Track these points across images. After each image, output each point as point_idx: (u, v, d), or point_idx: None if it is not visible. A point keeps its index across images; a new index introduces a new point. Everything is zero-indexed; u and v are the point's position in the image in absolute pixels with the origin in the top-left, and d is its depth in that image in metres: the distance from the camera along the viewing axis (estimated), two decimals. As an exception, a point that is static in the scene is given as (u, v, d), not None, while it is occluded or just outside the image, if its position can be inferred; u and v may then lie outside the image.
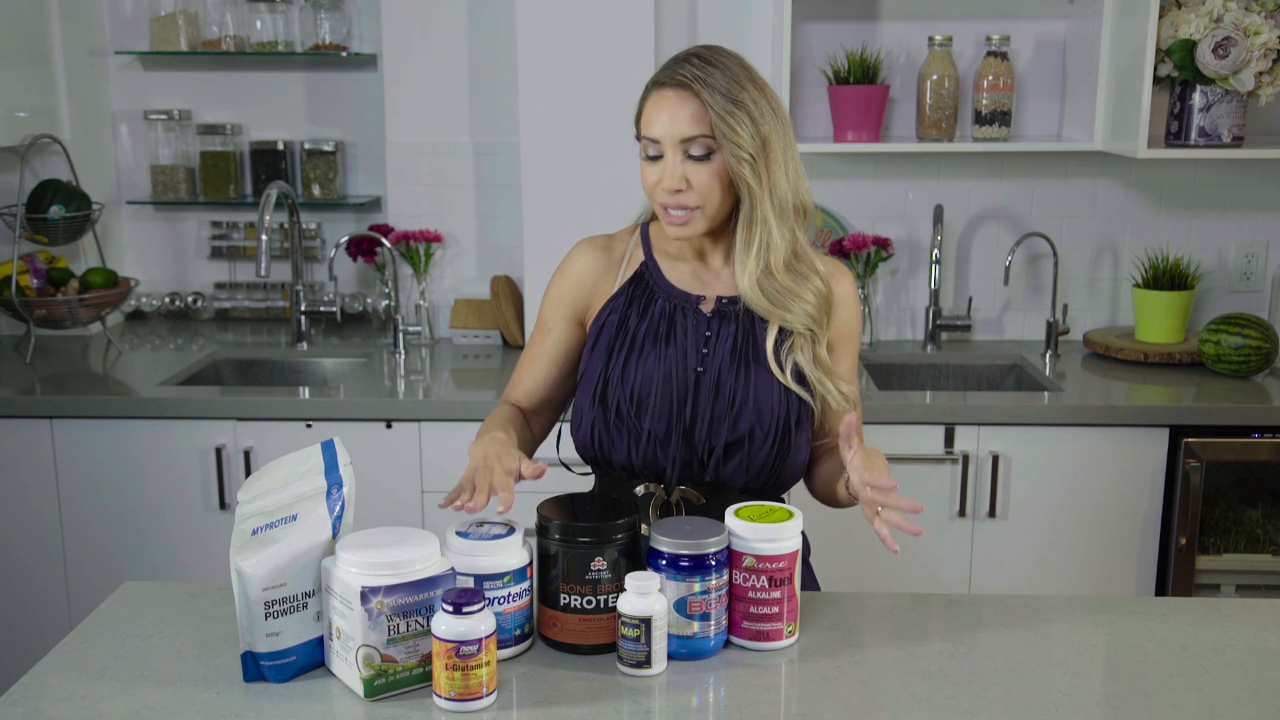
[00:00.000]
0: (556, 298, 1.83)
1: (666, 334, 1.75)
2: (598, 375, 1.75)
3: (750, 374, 1.72)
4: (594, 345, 1.78)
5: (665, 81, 1.68)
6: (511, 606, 1.51)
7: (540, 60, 3.05)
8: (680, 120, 1.66)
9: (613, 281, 1.80)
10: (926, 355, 3.25)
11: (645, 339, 1.75)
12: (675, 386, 1.72)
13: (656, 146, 1.68)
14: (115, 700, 1.43)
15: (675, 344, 1.74)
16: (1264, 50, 2.82)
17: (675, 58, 1.70)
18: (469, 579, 1.48)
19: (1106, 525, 2.80)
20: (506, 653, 1.51)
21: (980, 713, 1.42)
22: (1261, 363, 2.91)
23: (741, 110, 1.65)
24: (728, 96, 1.65)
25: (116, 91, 3.44)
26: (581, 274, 1.81)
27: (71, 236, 3.17)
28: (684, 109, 1.66)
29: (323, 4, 3.30)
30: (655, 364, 1.73)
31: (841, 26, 3.21)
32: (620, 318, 1.77)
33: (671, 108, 1.67)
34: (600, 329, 1.78)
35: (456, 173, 3.33)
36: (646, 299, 1.77)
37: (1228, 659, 1.56)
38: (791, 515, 1.55)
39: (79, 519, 2.84)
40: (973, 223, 3.32)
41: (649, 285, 1.78)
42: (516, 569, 1.51)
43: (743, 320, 1.74)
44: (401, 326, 3.21)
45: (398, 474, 2.81)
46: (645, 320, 1.76)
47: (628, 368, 1.74)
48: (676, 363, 1.73)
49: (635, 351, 1.74)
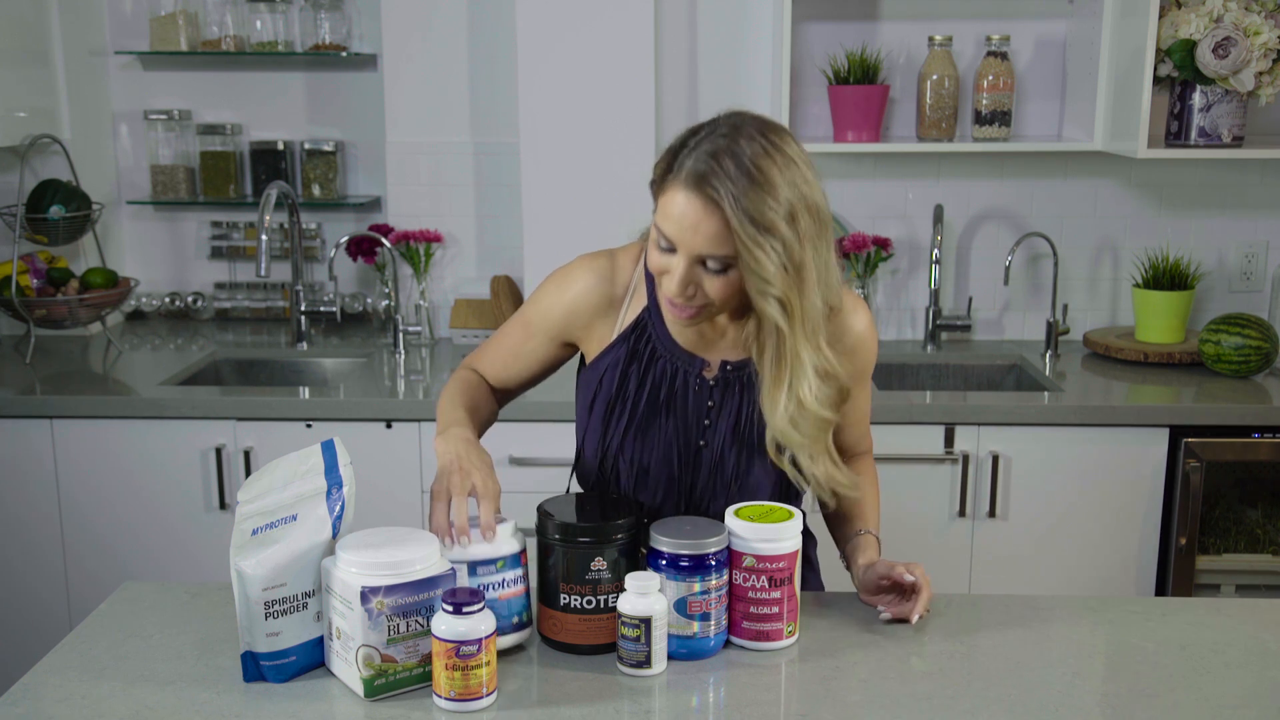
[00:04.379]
0: (547, 311, 1.71)
1: (667, 402, 1.66)
2: (598, 443, 1.69)
3: (752, 455, 1.66)
4: (592, 400, 1.69)
5: (690, 185, 1.45)
6: (507, 592, 1.51)
7: (540, 60, 3.05)
8: (700, 237, 1.46)
9: (612, 325, 1.68)
10: (926, 355, 3.25)
11: (646, 406, 1.66)
12: (677, 460, 1.67)
13: (670, 242, 1.49)
14: (115, 700, 1.43)
15: (676, 414, 1.66)
16: (1264, 50, 2.82)
17: (705, 143, 1.46)
18: (462, 566, 1.48)
19: (1106, 525, 2.80)
20: (506, 640, 1.51)
21: (980, 713, 1.42)
22: (1261, 363, 2.91)
23: (774, 237, 1.44)
24: (758, 221, 1.43)
25: (116, 91, 3.44)
26: (578, 303, 1.68)
27: (71, 236, 3.17)
28: (706, 223, 1.45)
29: (323, 4, 3.30)
30: (657, 436, 1.66)
31: (841, 26, 3.21)
32: (620, 375, 1.67)
33: (692, 220, 1.45)
34: (599, 383, 1.68)
35: (456, 173, 3.33)
36: (648, 356, 1.66)
37: (1228, 659, 1.56)
38: (791, 515, 1.55)
39: (79, 519, 2.84)
40: (973, 223, 3.32)
41: (650, 339, 1.66)
42: (509, 554, 1.51)
43: (747, 392, 1.66)
44: (401, 326, 3.21)
45: (398, 474, 2.81)
46: (646, 384, 1.66)
47: (627, 439, 1.67)
48: (678, 435, 1.66)
49: (635, 421, 1.67)
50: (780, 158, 1.45)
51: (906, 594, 1.65)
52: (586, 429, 1.71)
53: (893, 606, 1.64)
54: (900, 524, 2.76)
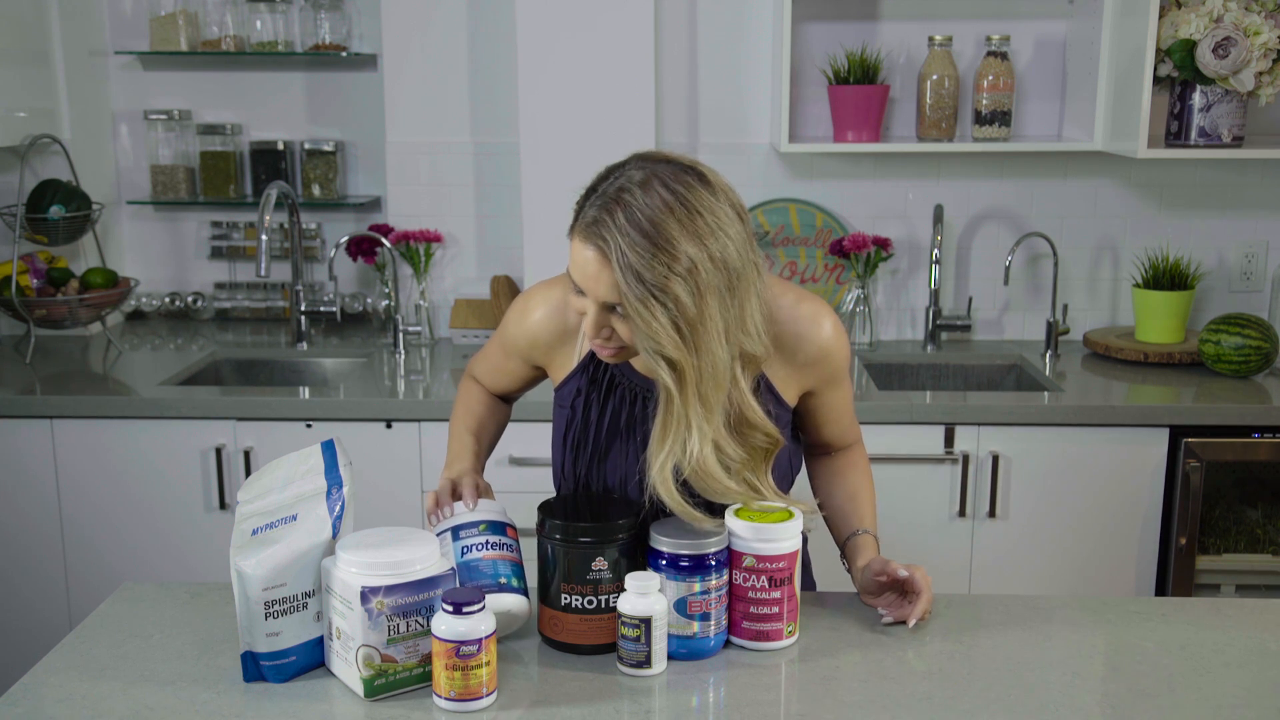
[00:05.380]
0: (513, 338, 1.74)
1: (628, 426, 1.66)
2: (569, 472, 1.70)
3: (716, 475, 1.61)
4: (564, 429, 1.70)
5: (585, 235, 1.43)
6: (491, 554, 1.52)
7: (540, 60, 3.05)
8: (600, 285, 1.43)
9: (571, 352, 1.69)
10: (926, 355, 3.25)
11: (607, 433, 1.66)
12: (640, 485, 1.59)
13: (578, 287, 1.48)
14: (115, 700, 1.43)
15: (636, 439, 1.64)
16: (1264, 50, 2.82)
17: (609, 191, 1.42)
18: (446, 534, 1.52)
19: (1106, 525, 2.80)
20: (496, 601, 1.48)
21: (980, 713, 1.42)
22: (1261, 363, 2.91)
23: (664, 295, 1.38)
24: (645, 280, 1.38)
25: (116, 91, 3.44)
26: (535, 334, 1.70)
27: (71, 236, 3.17)
28: (602, 276, 1.42)
29: (323, 4, 3.30)
30: (617, 462, 1.66)
31: (841, 26, 3.21)
32: (584, 404, 1.67)
33: (592, 270, 1.42)
34: (566, 410, 1.69)
35: (456, 173, 3.33)
36: (606, 384, 1.66)
37: (1228, 659, 1.56)
38: (791, 515, 1.55)
39: (79, 519, 2.84)
40: (973, 223, 3.32)
41: (608, 368, 1.66)
42: (492, 520, 1.54)
43: None
44: (401, 326, 3.21)
45: (398, 474, 2.81)
46: (607, 411, 1.66)
47: (591, 469, 1.68)
48: (638, 460, 1.61)
49: (598, 450, 1.67)
50: (682, 211, 1.40)
51: (907, 595, 1.64)
52: (561, 456, 1.73)
53: (894, 609, 1.64)
54: (900, 524, 2.77)
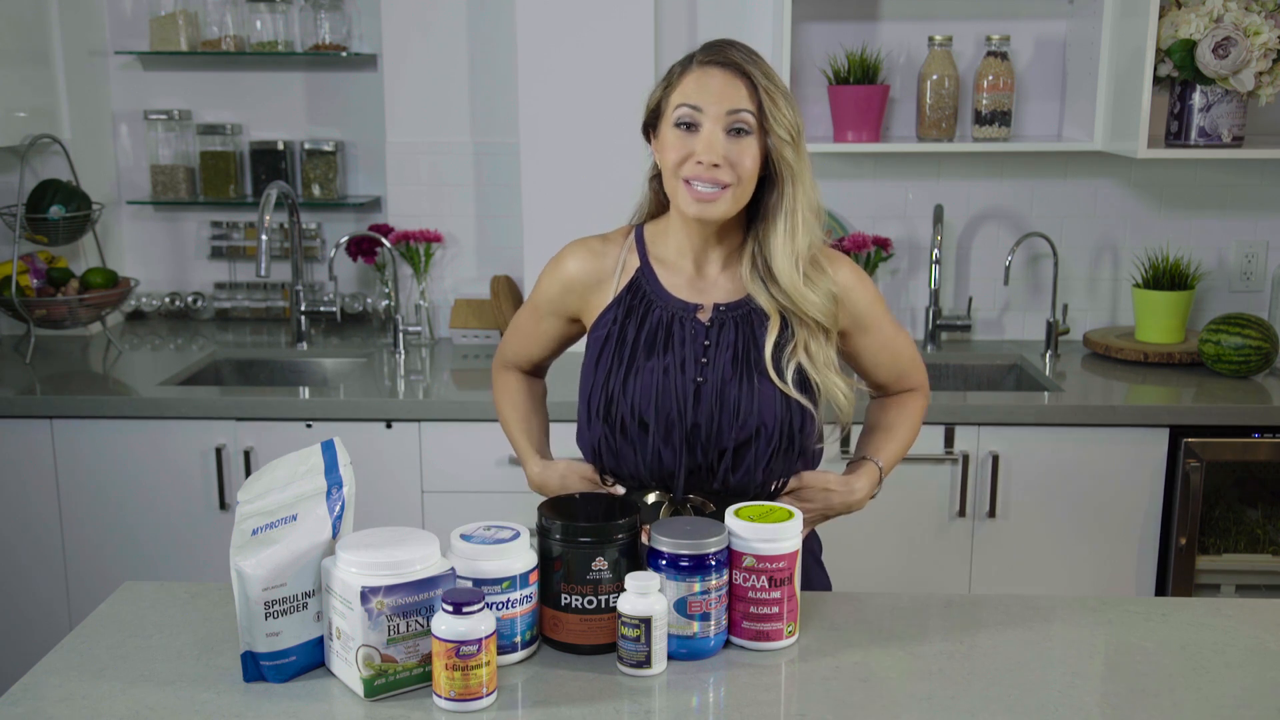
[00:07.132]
0: (547, 291, 1.83)
1: (664, 344, 1.73)
2: (599, 391, 1.74)
3: (753, 382, 1.70)
4: (595, 359, 1.76)
5: (711, 61, 1.68)
6: (511, 612, 1.49)
7: (540, 60, 3.05)
8: (729, 93, 1.65)
9: (608, 291, 1.78)
10: (926, 355, 3.25)
11: (642, 350, 1.73)
12: (676, 397, 1.70)
13: (695, 114, 1.66)
14: (115, 700, 1.43)
15: (674, 354, 1.72)
16: (1264, 50, 2.82)
17: (712, 44, 1.70)
18: (468, 582, 1.47)
19: (1106, 525, 2.80)
20: (506, 659, 1.50)
21: (980, 713, 1.42)
22: (1261, 363, 2.91)
23: (787, 103, 1.68)
24: (773, 80, 1.67)
25: (116, 91, 3.44)
26: (572, 280, 1.80)
27: (71, 236, 3.17)
28: (733, 85, 1.66)
29: (323, 4, 3.30)
30: (653, 376, 1.71)
31: (841, 26, 3.21)
32: (619, 330, 1.75)
33: (719, 83, 1.66)
34: (600, 343, 1.76)
35: (456, 173, 3.33)
36: (644, 309, 1.75)
37: (1228, 659, 1.56)
38: (791, 515, 1.55)
39: (79, 519, 2.84)
40: (973, 223, 3.32)
41: (645, 294, 1.76)
42: (519, 574, 1.49)
43: (742, 327, 1.72)
44: (401, 326, 3.21)
45: (398, 474, 2.81)
46: (643, 331, 1.74)
47: (628, 382, 1.72)
48: (675, 373, 1.71)
49: (633, 364, 1.73)
50: None
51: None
52: (590, 381, 1.77)
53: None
54: (900, 524, 2.77)
